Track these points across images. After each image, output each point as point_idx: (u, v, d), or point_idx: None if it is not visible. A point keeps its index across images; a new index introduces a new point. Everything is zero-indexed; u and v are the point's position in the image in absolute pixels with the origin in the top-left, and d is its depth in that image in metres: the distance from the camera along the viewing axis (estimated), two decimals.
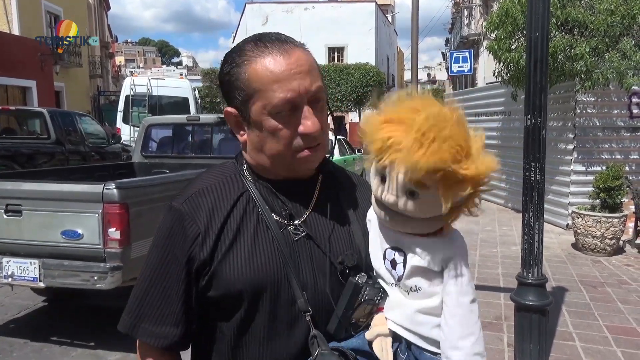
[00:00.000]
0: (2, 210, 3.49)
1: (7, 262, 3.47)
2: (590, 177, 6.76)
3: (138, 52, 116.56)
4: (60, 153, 8.21)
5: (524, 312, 2.88)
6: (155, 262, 1.00)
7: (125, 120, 13.15)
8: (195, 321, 1.02)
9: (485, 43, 12.20)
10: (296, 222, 1.01)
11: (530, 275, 2.86)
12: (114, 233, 3.24)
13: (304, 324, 0.96)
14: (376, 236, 1.02)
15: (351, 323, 0.98)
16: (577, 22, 6.80)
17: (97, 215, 3.26)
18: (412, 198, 0.88)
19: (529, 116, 2.73)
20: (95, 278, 3.31)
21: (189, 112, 13.42)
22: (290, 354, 0.97)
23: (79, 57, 21.40)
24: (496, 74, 8.02)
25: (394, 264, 0.97)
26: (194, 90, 15.21)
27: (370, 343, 0.96)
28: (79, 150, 8.79)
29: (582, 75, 6.62)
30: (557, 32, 7.02)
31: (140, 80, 13.63)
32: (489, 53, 8.01)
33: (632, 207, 6.59)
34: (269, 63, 0.94)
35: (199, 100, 16.70)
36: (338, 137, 10.76)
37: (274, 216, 1.00)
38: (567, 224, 7.40)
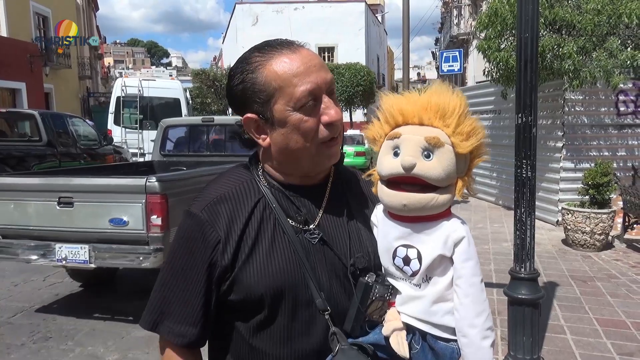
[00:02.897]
0: (55, 202, 3.94)
1: (60, 248, 3.97)
2: (579, 174, 6.88)
3: (127, 52, 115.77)
4: (52, 155, 8.18)
5: (517, 305, 2.94)
6: (176, 266, 1.04)
7: (117, 121, 13.09)
8: (212, 322, 1.06)
9: (474, 42, 12.30)
10: (311, 226, 1.06)
11: (522, 269, 2.93)
12: (156, 220, 3.71)
13: (323, 322, 1.01)
14: (383, 237, 1.08)
15: (366, 320, 1.03)
16: (564, 22, 6.91)
17: (140, 204, 3.73)
18: (427, 159, 0.97)
19: (519, 114, 2.80)
20: (141, 259, 3.80)
21: (180, 114, 13.39)
22: (309, 352, 1.02)
23: (68, 58, 21.26)
24: (486, 73, 8.12)
25: (407, 260, 1.03)
26: (185, 91, 15.17)
27: (386, 338, 1.01)
28: (71, 152, 8.76)
29: (570, 74, 6.73)
30: (545, 32, 7.12)
31: (131, 82, 13.57)
32: (479, 52, 8.11)
33: (620, 203, 6.72)
34: (284, 61, 0.98)
35: (190, 101, 16.67)
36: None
37: (290, 221, 1.04)
38: (557, 221, 7.52)
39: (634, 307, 4.35)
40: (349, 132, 17.90)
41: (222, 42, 46.22)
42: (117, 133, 12.66)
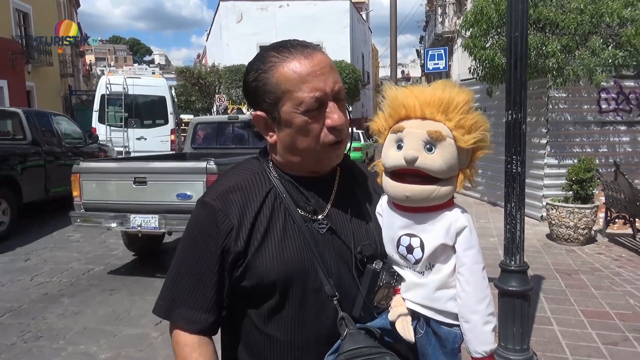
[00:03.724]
0: (132, 181, 4.97)
1: (134, 217, 4.98)
2: (563, 170, 7.03)
3: (109, 50, 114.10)
4: (37, 154, 8.06)
5: (507, 297, 3.02)
6: (190, 254, 1.07)
7: (101, 119, 12.94)
8: (225, 309, 1.09)
9: (459, 41, 12.43)
10: (319, 216, 1.10)
11: (512, 262, 3.01)
12: None
13: (332, 308, 1.05)
14: (388, 227, 1.12)
15: (373, 306, 1.07)
16: (548, 21, 7.04)
17: (202, 182, 4.66)
18: (430, 152, 1.01)
19: (509, 111, 2.87)
20: None
21: (166, 112, 13.29)
22: (319, 337, 1.05)
23: (50, 55, 20.90)
24: (472, 71, 8.22)
25: (410, 249, 1.07)
26: (171, 88, 15.06)
27: (392, 323, 1.05)
28: (56, 151, 8.64)
29: (554, 72, 6.86)
30: (530, 31, 7.24)
31: (116, 79, 13.39)
32: (464, 50, 8.21)
33: (603, 198, 6.88)
34: (295, 66, 1.02)
35: (175, 99, 16.54)
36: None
37: (299, 211, 1.08)
38: (542, 216, 7.66)
39: (617, 299, 4.48)
40: None
41: (206, 40, 45.86)
42: (101, 131, 12.49)
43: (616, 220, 6.80)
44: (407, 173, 1.03)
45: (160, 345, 3.76)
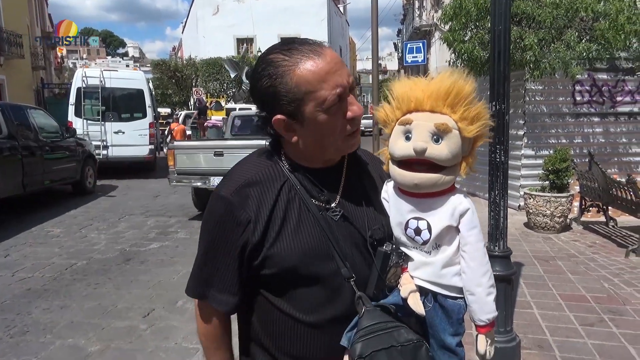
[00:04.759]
0: (212, 154, 7.32)
1: (214, 179, 7.13)
2: (540, 161, 7.22)
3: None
4: (13, 148, 7.90)
5: None
6: (214, 245, 1.14)
7: (77, 113, 12.70)
8: (244, 292, 1.16)
9: (437, 34, 12.58)
10: (332, 205, 1.16)
11: (496, 248, 3.12)
12: None
13: (348, 289, 1.12)
14: (396, 211, 1.19)
15: (385, 285, 1.14)
16: (525, 15, 7.20)
17: None
18: (437, 143, 1.09)
19: (493, 102, 2.96)
20: None
21: (144, 105, 13.13)
22: (337, 317, 1.12)
23: (21, 48, 20.35)
24: (451, 63, 8.35)
25: (417, 231, 1.15)
26: (149, 81, 14.85)
27: (404, 299, 1.13)
28: (31, 145, 8.47)
29: (531, 65, 7.02)
30: None
31: (92, 72, 13.16)
32: (443, 43, 8.33)
33: (577, 188, 7.11)
34: (312, 66, 1.05)
35: (153, 92, 16.32)
36: None
37: (314, 201, 1.14)
38: (519, 205, 7.87)
39: (592, 283, 4.66)
40: None
41: (182, 32, 45.21)
42: (78, 125, 12.28)
43: (590, 208, 7.04)
44: (415, 162, 1.11)
45: (150, 337, 3.77)
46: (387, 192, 1.23)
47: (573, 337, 3.57)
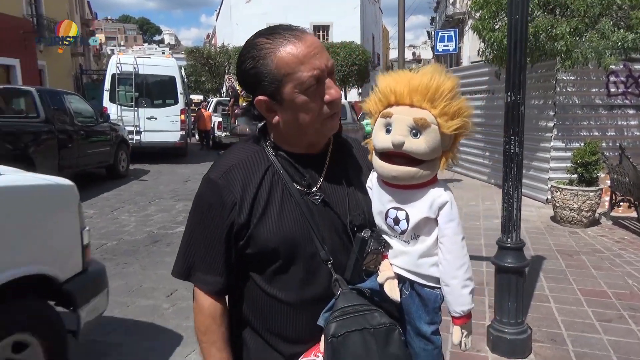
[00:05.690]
0: None
1: None
2: (570, 154, 7.02)
3: (119, 29, 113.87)
4: (50, 132, 8.22)
5: (503, 273, 3.13)
6: (200, 226, 1.20)
7: (112, 99, 13.09)
8: (233, 273, 1.22)
9: (469, 22, 12.33)
10: (313, 189, 1.21)
11: (509, 240, 3.11)
12: None
13: (326, 271, 1.17)
14: (377, 200, 1.23)
15: (363, 269, 1.19)
16: (558, 3, 7.00)
17: None
18: (415, 137, 1.11)
19: (509, 93, 2.94)
20: None
21: (176, 91, 13.41)
22: (316, 297, 1.18)
23: None
24: (480, 53, 8.21)
25: (396, 221, 1.19)
26: (181, 68, 15.13)
27: (381, 285, 1.18)
28: (68, 129, 8.80)
29: (563, 55, 6.84)
30: (539, 12, 7.21)
31: (126, 59, 13.51)
32: (474, 32, 8.18)
33: (608, 182, 6.92)
34: (292, 49, 1.11)
35: (185, 79, 16.62)
36: None
37: (296, 185, 1.20)
38: (547, 199, 7.72)
39: (616, 279, 4.57)
40: None
41: (216, 20, 45.62)
42: (112, 110, 12.66)
43: (621, 203, 6.84)
44: (394, 155, 1.14)
45: (171, 315, 3.93)
46: (372, 181, 1.27)
47: (589, 332, 3.53)
